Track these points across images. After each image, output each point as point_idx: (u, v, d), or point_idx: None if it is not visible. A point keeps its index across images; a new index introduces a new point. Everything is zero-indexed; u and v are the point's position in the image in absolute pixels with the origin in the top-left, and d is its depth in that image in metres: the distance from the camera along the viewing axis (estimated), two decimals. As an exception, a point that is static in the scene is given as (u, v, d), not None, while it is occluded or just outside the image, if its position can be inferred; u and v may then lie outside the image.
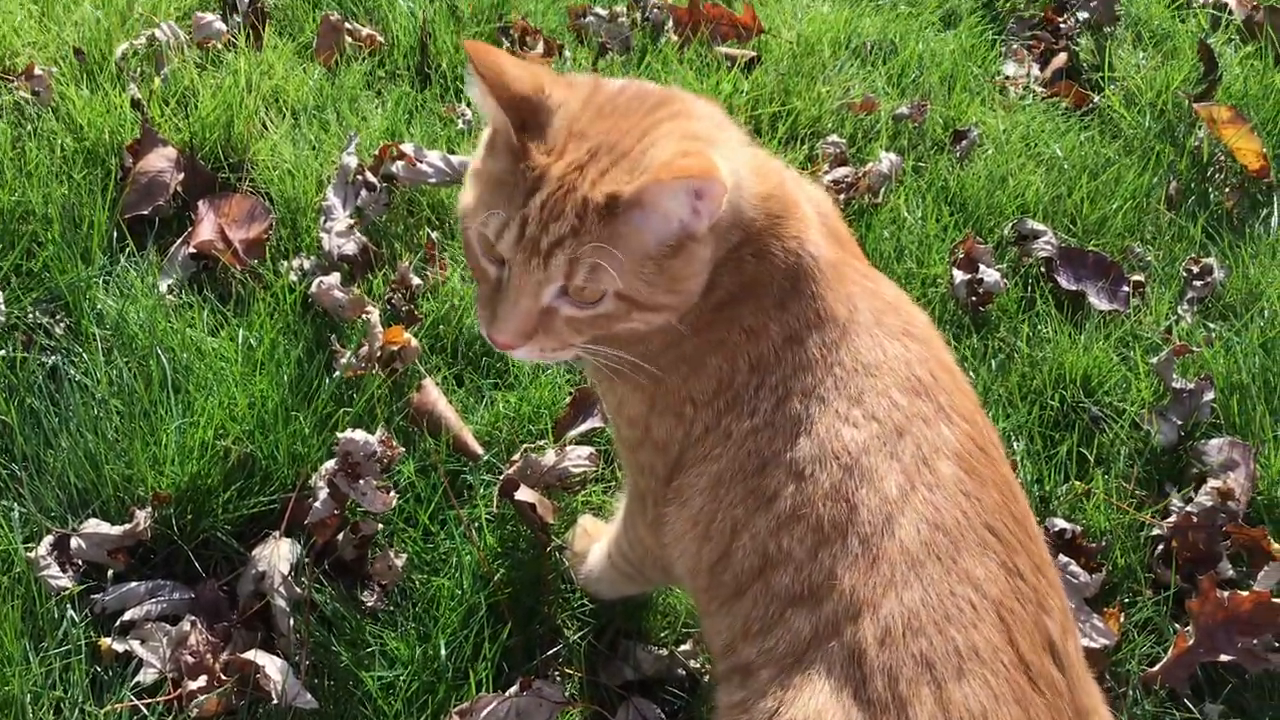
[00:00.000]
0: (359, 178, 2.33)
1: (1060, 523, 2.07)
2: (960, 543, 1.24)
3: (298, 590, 1.79)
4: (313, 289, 2.14)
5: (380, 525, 1.88)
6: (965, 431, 1.34)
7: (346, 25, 2.75)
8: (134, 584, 1.79)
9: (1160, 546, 2.08)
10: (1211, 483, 2.11)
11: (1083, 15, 3.28)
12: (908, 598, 1.21)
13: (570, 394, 2.12)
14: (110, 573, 1.81)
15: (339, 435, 1.84)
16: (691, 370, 1.40)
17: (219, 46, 2.67)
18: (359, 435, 1.83)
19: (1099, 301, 2.49)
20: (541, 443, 2.05)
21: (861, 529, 1.25)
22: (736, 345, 1.38)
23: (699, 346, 1.39)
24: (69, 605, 1.75)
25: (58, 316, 2.12)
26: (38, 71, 2.45)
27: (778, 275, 1.38)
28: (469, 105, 2.63)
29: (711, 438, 1.39)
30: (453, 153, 2.43)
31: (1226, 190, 2.80)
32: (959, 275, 2.45)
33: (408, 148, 2.37)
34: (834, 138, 2.71)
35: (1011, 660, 1.19)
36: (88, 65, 2.54)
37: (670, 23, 3.01)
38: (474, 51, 1.30)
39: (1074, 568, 2.01)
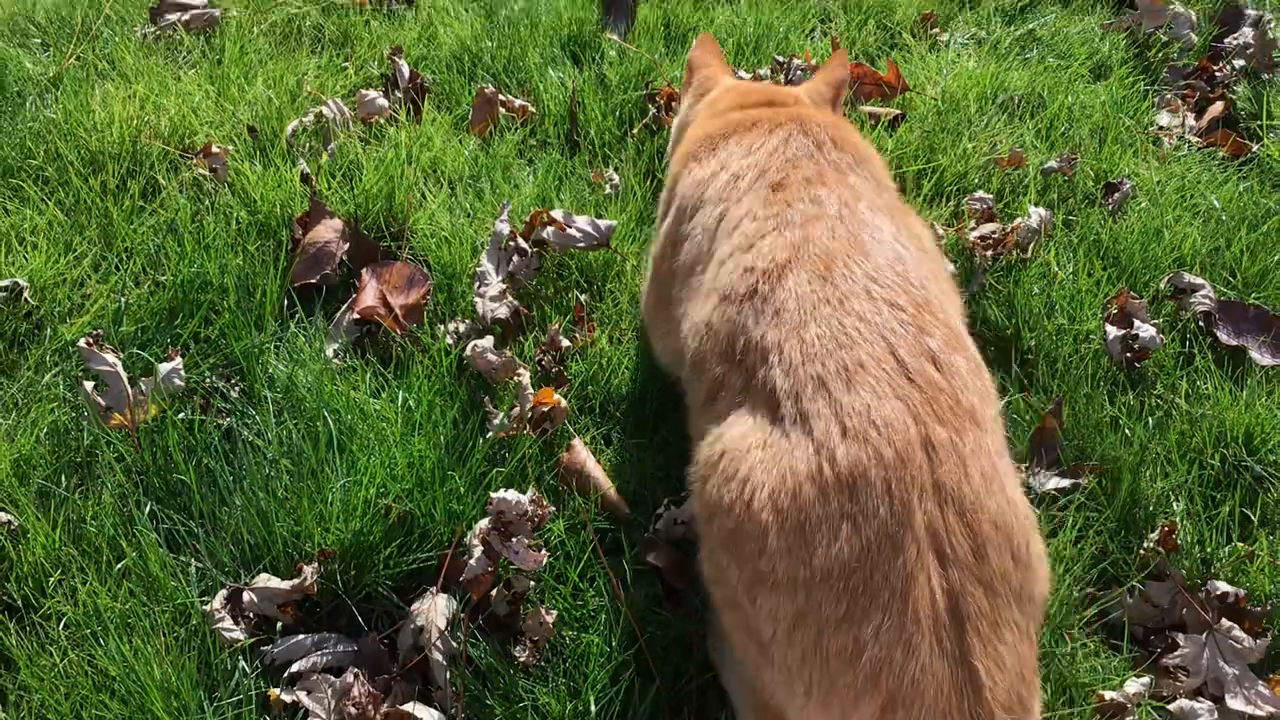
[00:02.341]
0: (511, 244, 2.42)
1: (1223, 586, 2.00)
2: (849, 292, 1.54)
3: (454, 644, 1.85)
4: (467, 352, 2.22)
5: (532, 583, 1.93)
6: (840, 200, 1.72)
7: (500, 97, 2.86)
8: (301, 637, 1.88)
9: (1331, 612, 2.00)
10: (1386, 546, 2.02)
11: (1239, 63, 3.20)
12: (806, 335, 1.52)
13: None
14: (279, 625, 1.90)
15: (492, 495, 1.90)
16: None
17: (381, 121, 2.80)
18: (511, 495, 1.88)
19: (1261, 357, 2.42)
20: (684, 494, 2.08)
21: (764, 289, 1.61)
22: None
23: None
24: (241, 657, 1.85)
25: (233, 380, 2.24)
26: (215, 149, 2.62)
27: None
28: (615, 170, 2.70)
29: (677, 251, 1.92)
30: (600, 217, 2.50)
31: (1399, 239, 2.69)
32: (1112, 331, 2.40)
33: (557, 213, 2.45)
34: (980, 194, 2.69)
35: (892, 367, 1.45)
36: (260, 142, 2.70)
37: (814, 83, 3.04)
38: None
39: (1237, 632, 1.94)
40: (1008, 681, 1.34)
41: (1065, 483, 2.17)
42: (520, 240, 2.44)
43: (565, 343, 2.30)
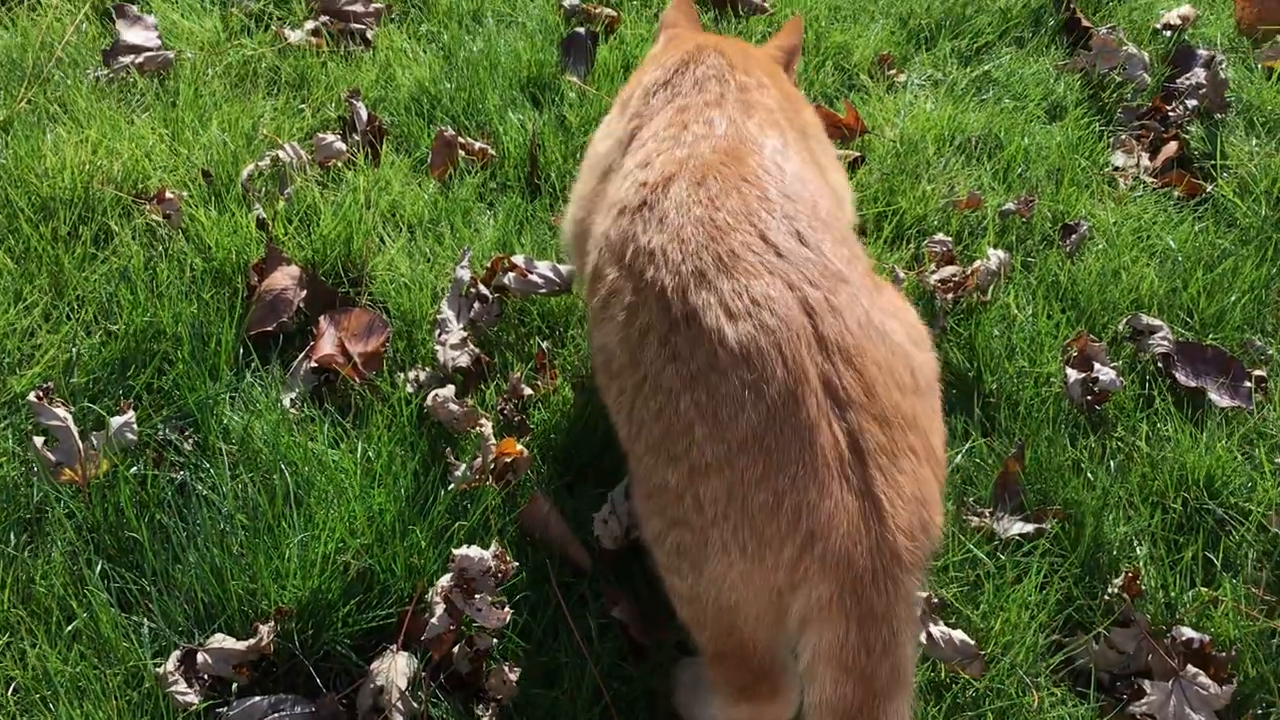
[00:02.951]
0: (472, 290, 2.40)
1: (1188, 632, 2.00)
2: (720, 191, 1.69)
3: (415, 705, 1.81)
4: (429, 401, 2.19)
5: (495, 640, 1.90)
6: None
7: (460, 140, 2.84)
8: (257, 698, 1.83)
9: (1295, 656, 2.01)
10: (1348, 590, 2.03)
11: (1192, 103, 3.24)
12: (684, 235, 1.66)
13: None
14: (234, 686, 1.86)
15: (454, 551, 1.87)
16: None
17: (339, 165, 2.78)
18: (474, 552, 1.86)
19: (1220, 398, 2.43)
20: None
21: (651, 200, 1.74)
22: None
23: None
24: (196, 721, 1.81)
25: (187, 433, 2.20)
26: (168, 195, 2.58)
27: None
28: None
29: None
30: (561, 262, 2.49)
31: (1352, 279, 2.72)
32: (1073, 374, 2.41)
33: (519, 259, 2.44)
34: (940, 236, 2.71)
35: (762, 248, 1.61)
36: (216, 187, 2.67)
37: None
38: None
39: (1203, 679, 1.95)
40: (909, 508, 1.50)
41: (1029, 528, 2.17)
42: (481, 287, 2.41)
43: (528, 391, 2.27)
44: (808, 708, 1.53)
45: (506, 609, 1.87)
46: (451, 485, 2.09)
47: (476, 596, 1.84)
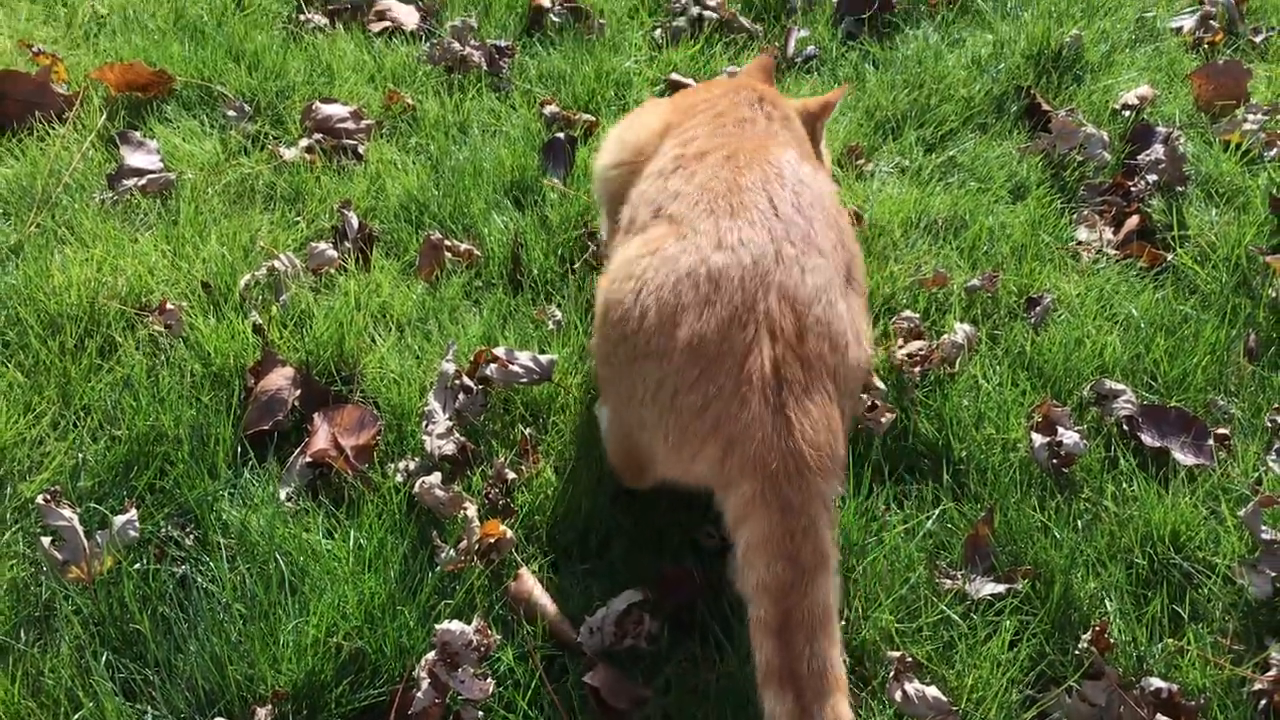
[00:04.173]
0: (457, 382, 2.51)
1: (1157, 682, 2.06)
2: (747, 165, 2.08)
3: (405, 778, 1.88)
4: (416, 489, 2.30)
5: (480, 713, 1.97)
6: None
7: (446, 243, 2.98)
8: (255, 778, 1.91)
9: (1263, 702, 2.06)
10: (1308, 633, 2.09)
11: (1152, 178, 3.36)
12: (706, 184, 2.07)
13: (662, 573, 2.22)
14: (234, 768, 1.93)
15: (437, 627, 1.96)
16: None
17: (332, 271, 2.92)
18: (455, 626, 1.94)
19: (1184, 457, 2.51)
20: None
21: (684, 163, 2.19)
22: None
23: None
24: (196, 801, 1.88)
25: (187, 529, 2.30)
26: (169, 306, 2.71)
27: None
28: (558, 307, 2.81)
29: None
30: (543, 352, 2.60)
31: (1307, 337, 2.82)
32: (1038, 439, 2.50)
33: (500, 351, 2.55)
34: (907, 313, 2.82)
35: (767, 210, 1.97)
36: (214, 297, 2.80)
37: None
38: None
39: (1172, 728, 2.00)
40: (814, 427, 1.82)
41: (1000, 588, 2.24)
42: (466, 378, 2.53)
43: (511, 475, 2.37)
44: (749, 593, 1.80)
45: (489, 680, 1.95)
46: (438, 567, 2.18)
47: (460, 670, 1.92)
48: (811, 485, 1.80)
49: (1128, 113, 3.68)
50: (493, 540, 2.20)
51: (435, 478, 2.30)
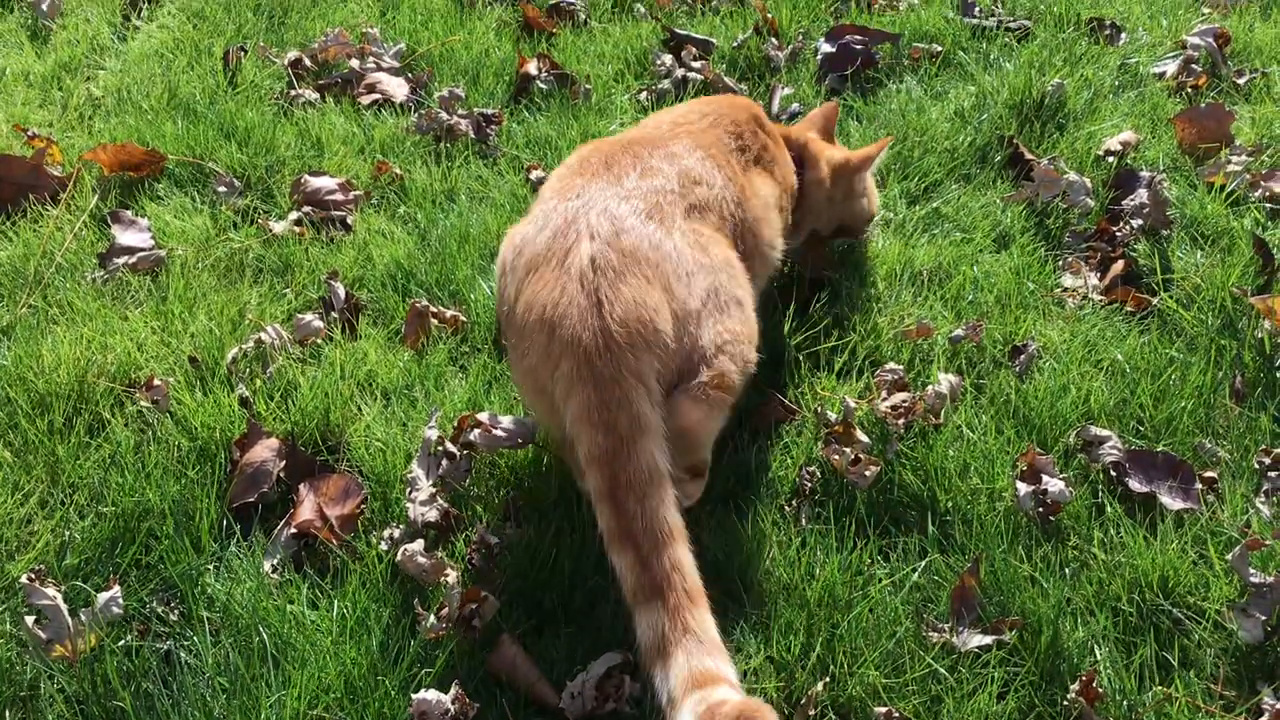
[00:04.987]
0: (440, 448, 2.52)
1: (1147, 731, 2.04)
2: (610, 161, 2.43)
3: None
4: (398, 557, 2.30)
5: (461, 781, 1.96)
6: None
7: (432, 309, 3.00)
8: None
9: (1255, 748, 2.04)
10: (1298, 677, 2.07)
11: (1137, 222, 3.37)
12: (579, 171, 2.43)
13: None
14: (214, 845, 1.92)
15: (413, 697, 1.96)
16: None
17: (318, 341, 2.94)
18: (432, 695, 1.94)
19: (1171, 501, 2.50)
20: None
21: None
22: None
23: None
24: None
25: (172, 604, 2.31)
26: (156, 383, 2.74)
27: None
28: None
29: None
30: (527, 415, 2.61)
31: (1293, 377, 2.81)
32: (1023, 488, 2.49)
33: (484, 416, 2.56)
34: (891, 365, 2.82)
35: (640, 167, 2.40)
36: (201, 371, 2.83)
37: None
38: None
39: (1164, 777, 1.97)
40: (624, 305, 2.07)
41: (987, 640, 2.23)
42: (449, 444, 2.54)
43: (494, 539, 2.37)
44: (582, 466, 2.05)
45: (469, 749, 1.94)
46: (419, 635, 2.18)
47: (438, 739, 1.91)
48: (622, 360, 2.03)
49: (1111, 158, 3.69)
50: (474, 606, 2.20)
51: (418, 545, 2.31)
